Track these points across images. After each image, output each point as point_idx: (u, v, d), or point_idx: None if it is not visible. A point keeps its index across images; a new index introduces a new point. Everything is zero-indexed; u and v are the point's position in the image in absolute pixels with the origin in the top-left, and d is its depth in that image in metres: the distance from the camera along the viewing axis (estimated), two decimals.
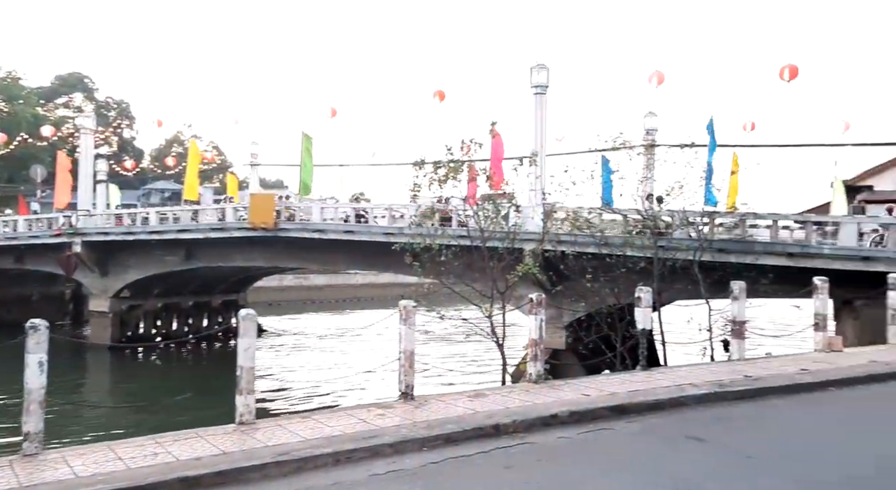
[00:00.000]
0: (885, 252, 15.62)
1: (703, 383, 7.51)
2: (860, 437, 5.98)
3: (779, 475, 4.91)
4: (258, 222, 23.89)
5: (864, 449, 5.57)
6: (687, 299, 15.37)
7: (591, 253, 14.86)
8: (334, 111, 29.19)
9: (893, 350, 9.89)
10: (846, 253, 15.96)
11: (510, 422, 6.08)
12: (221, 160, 59.39)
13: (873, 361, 8.74)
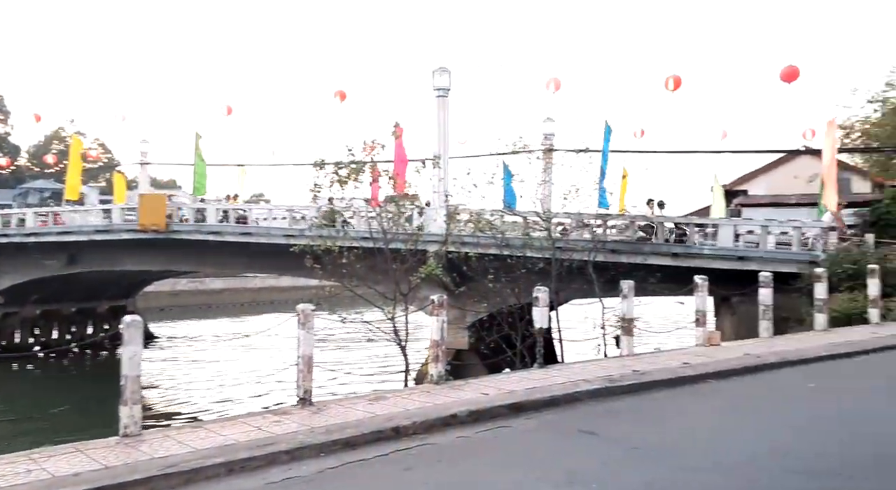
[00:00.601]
0: (758, 252, 16.90)
1: (596, 379, 7.82)
2: (735, 425, 6.41)
3: (661, 464, 5.18)
4: (148, 224, 22.70)
5: (737, 436, 5.97)
6: (583, 298, 15.99)
7: (493, 254, 15.16)
8: (230, 109, 28.25)
9: (765, 343, 10.69)
10: (724, 253, 17.15)
11: (410, 424, 6.08)
12: (108, 158, 56.00)
13: (747, 354, 9.40)
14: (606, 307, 13.62)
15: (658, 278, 15.11)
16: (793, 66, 18.51)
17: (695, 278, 10.95)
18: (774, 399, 7.60)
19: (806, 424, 6.39)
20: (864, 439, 5.78)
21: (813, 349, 9.86)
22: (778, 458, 5.34)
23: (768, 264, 15.48)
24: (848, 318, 12.90)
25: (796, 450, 5.55)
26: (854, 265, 14.26)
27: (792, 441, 5.81)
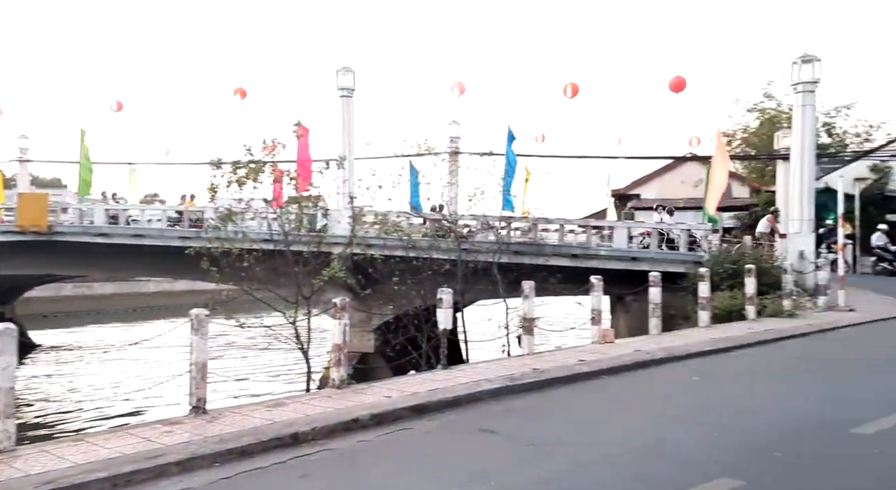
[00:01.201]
0: (649, 253, 17.81)
1: (497, 378, 7.98)
2: (625, 418, 6.71)
3: (557, 459, 5.37)
4: (28, 225, 21.11)
5: (627, 429, 6.26)
6: (488, 299, 16.28)
7: (399, 256, 15.16)
8: (120, 105, 26.72)
9: (654, 340, 11.27)
10: (619, 254, 17.95)
11: (310, 429, 5.97)
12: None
13: (638, 351, 9.88)
14: (510, 307, 13.94)
15: (559, 279, 15.60)
16: (680, 78, 19.67)
17: (591, 278, 11.39)
18: (662, 392, 8.03)
19: (689, 416, 6.79)
20: (738, 428, 6.20)
21: (697, 344, 10.49)
22: (663, 448, 5.65)
23: (658, 264, 16.34)
24: (728, 314, 13.80)
25: (679, 440, 5.89)
26: (734, 265, 15.30)
27: (676, 432, 6.16)
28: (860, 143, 29.61)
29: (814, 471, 5.00)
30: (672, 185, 30.57)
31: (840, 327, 12.44)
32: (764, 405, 7.13)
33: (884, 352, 10.48)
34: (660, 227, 19.47)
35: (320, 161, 12.96)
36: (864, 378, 8.54)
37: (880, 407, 6.68)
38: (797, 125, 16.74)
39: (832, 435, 5.88)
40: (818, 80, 16.25)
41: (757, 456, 5.33)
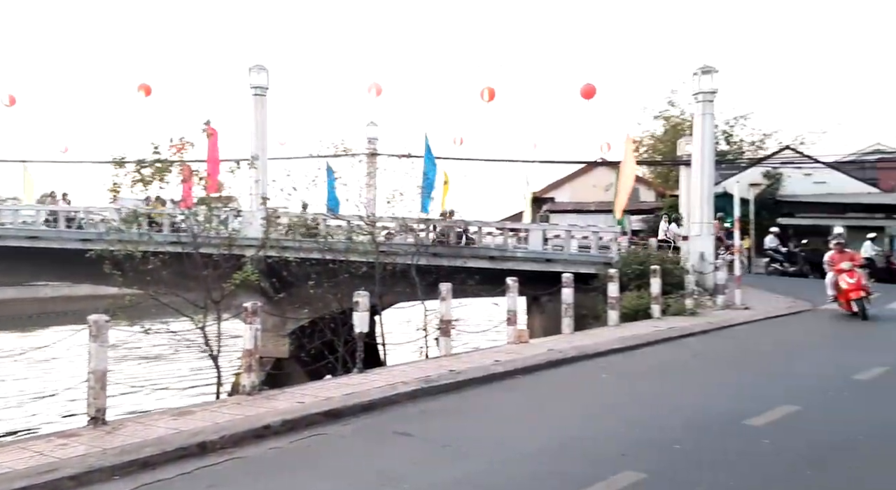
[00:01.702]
0: (563, 255, 18.35)
1: (413, 380, 7.99)
2: (538, 417, 6.87)
3: (471, 459, 5.42)
4: None
5: (540, 427, 6.41)
6: (407, 301, 16.27)
7: (315, 259, 14.90)
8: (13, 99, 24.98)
9: (567, 339, 11.60)
10: (534, 256, 18.40)
11: (218, 438, 5.78)
12: None
13: (551, 350, 10.14)
14: (428, 310, 13.99)
15: (477, 280, 15.79)
16: (590, 85, 20.36)
17: (507, 280, 11.60)
18: (573, 390, 8.28)
19: (598, 412, 7.03)
20: (643, 423, 6.48)
21: (606, 343, 10.88)
22: (574, 444, 5.82)
23: (571, 266, 16.85)
24: (636, 313, 14.40)
25: (589, 436, 6.08)
26: (641, 266, 15.99)
27: (586, 428, 6.37)
28: (755, 150, 31.63)
29: (709, 461, 5.28)
30: (585, 189, 31.62)
31: (736, 324, 13.21)
32: (666, 400, 7.47)
33: (775, 347, 11.20)
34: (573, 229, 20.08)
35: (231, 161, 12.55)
36: (757, 372, 9.10)
37: (770, 399, 7.12)
38: (697, 133, 17.68)
39: (727, 427, 6.23)
40: (716, 91, 17.23)
41: (659, 449, 5.58)
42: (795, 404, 6.89)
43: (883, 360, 9.08)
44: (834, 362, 9.58)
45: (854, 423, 6.31)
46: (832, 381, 8.19)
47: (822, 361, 9.82)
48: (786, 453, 5.45)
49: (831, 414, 6.71)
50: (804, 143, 30.88)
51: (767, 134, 32.48)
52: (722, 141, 30.66)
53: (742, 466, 5.14)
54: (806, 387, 7.98)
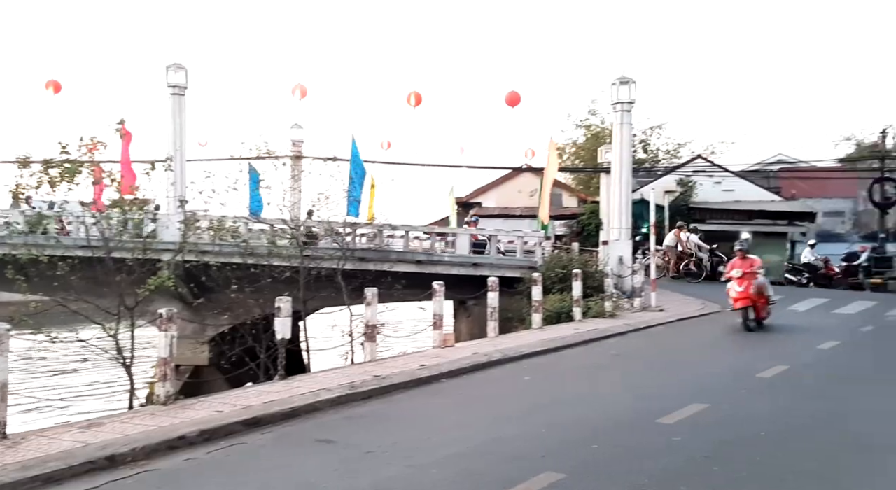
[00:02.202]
0: (489, 259, 18.60)
1: (337, 387, 7.91)
2: (462, 420, 6.94)
3: (393, 464, 5.42)
4: None
5: (463, 430, 6.47)
6: (333, 306, 16.04)
7: (236, 263, 14.51)
8: None
9: (492, 342, 11.77)
10: (461, 260, 18.55)
11: (129, 450, 5.54)
12: None
13: (476, 353, 10.26)
14: (354, 315, 13.86)
15: (404, 285, 15.77)
16: (515, 92, 20.77)
17: (433, 284, 11.65)
18: (497, 393, 8.41)
19: (521, 414, 7.16)
20: (563, 423, 6.66)
21: (529, 345, 11.09)
22: (496, 446, 5.91)
23: (497, 270, 17.10)
24: (558, 316, 14.76)
25: (511, 437, 6.19)
26: (563, 270, 16.41)
27: (508, 430, 6.48)
28: (670, 159, 33.09)
29: (625, 459, 5.48)
30: (510, 195, 32.20)
31: (652, 326, 13.76)
32: (586, 400, 7.71)
33: (686, 347, 11.74)
34: (499, 234, 20.39)
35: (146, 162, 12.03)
36: (670, 372, 9.52)
37: (682, 398, 7.46)
38: (616, 141, 18.32)
39: (642, 425, 6.48)
40: (634, 101, 17.91)
41: (578, 448, 5.74)
42: (704, 402, 7.25)
43: (783, 359, 9.66)
44: (739, 361, 10.13)
45: (756, 419, 6.68)
46: (737, 380, 8.65)
47: (729, 361, 10.37)
48: (694, 449, 5.72)
49: (736, 410, 7.09)
50: (714, 152, 32.61)
51: (681, 143, 34.09)
52: (640, 149, 31.92)
53: (654, 463, 5.36)
54: (714, 385, 8.40)
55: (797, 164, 33.17)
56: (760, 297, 12.65)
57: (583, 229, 26.52)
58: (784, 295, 18.50)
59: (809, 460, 5.50)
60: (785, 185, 31.38)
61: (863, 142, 34.65)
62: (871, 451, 5.74)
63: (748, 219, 27.01)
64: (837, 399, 7.74)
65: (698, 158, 30.20)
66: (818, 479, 5.08)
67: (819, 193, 31.84)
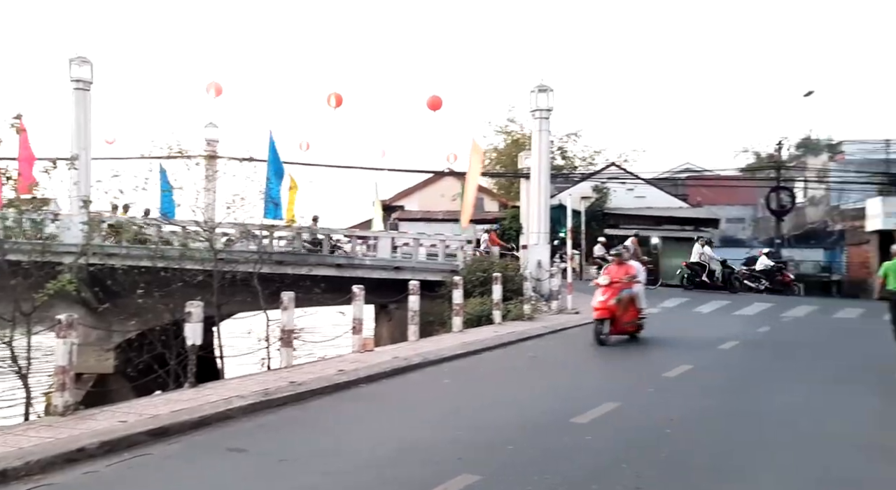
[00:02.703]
0: (411, 262, 18.61)
1: (251, 394, 7.68)
2: (378, 425, 6.88)
3: (307, 472, 5.31)
4: None
5: (379, 435, 6.41)
6: (248, 311, 15.59)
7: (145, 267, 13.88)
8: None
9: (412, 346, 11.76)
10: (383, 263, 18.48)
11: (22, 464, 5.18)
12: None
13: (396, 357, 10.22)
14: (271, 319, 13.52)
15: (323, 288, 15.54)
16: (436, 97, 20.90)
17: (353, 288, 11.53)
18: (416, 397, 8.40)
19: (439, 417, 7.19)
20: (480, 426, 6.72)
21: (450, 349, 11.16)
22: (413, 450, 5.90)
23: (419, 273, 17.13)
24: (479, 319, 14.94)
25: (428, 441, 6.20)
26: (484, 273, 16.62)
27: (426, 433, 6.48)
28: (586, 166, 34.17)
29: (540, 459, 5.58)
30: (433, 198, 32.34)
31: (568, 328, 14.13)
32: (503, 402, 7.82)
33: (598, 349, 12.10)
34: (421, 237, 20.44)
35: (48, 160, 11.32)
36: (584, 373, 9.81)
37: (595, 398, 7.69)
38: (535, 148, 18.76)
39: (556, 425, 6.63)
40: (552, 108, 18.39)
41: (494, 450, 5.81)
42: (616, 401, 7.50)
43: (688, 360, 10.14)
44: (648, 362, 10.56)
45: (663, 417, 6.97)
46: (646, 379, 9.01)
47: (638, 361, 10.79)
48: (606, 448, 5.90)
49: (644, 409, 7.38)
50: (627, 160, 33.92)
51: (597, 151, 35.29)
52: (558, 156, 32.78)
53: (567, 463, 5.49)
54: (624, 385, 8.72)
55: (703, 172, 35.03)
56: (626, 310, 11.66)
57: (504, 233, 26.94)
58: (689, 297, 19.50)
59: (712, 456, 5.78)
60: (692, 192, 33.06)
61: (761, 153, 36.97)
62: (766, 445, 6.10)
63: (658, 224, 28.25)
64: (736, 396, 8.18)
65: (612, 166, 31.34)
66: (717, 473, 5.35)
67: (722, 201, 33.74)
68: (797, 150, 34.79)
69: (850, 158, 27.77)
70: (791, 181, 29.93)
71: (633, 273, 11.98)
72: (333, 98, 19.93)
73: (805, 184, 31.13)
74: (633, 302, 11.81)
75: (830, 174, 28.36)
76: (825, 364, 10.55)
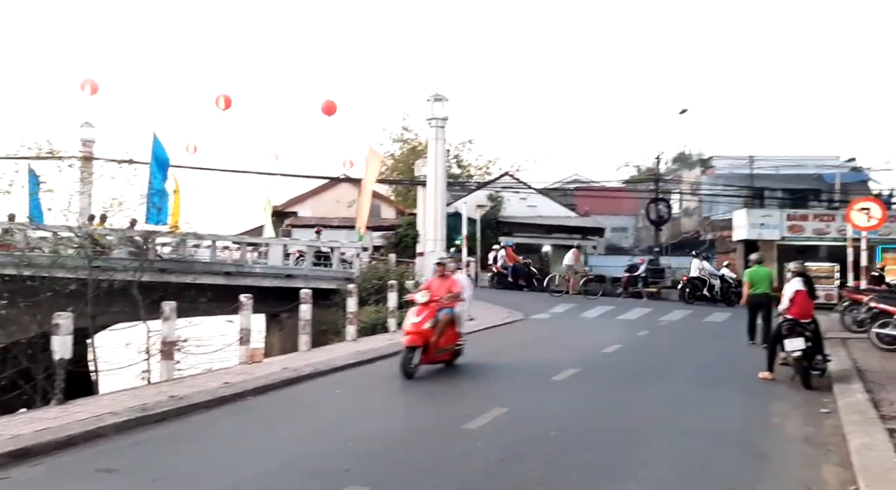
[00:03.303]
0: (303, 270, 18.24)
1: (126, 410, 7.22)
2: (264, 439, 6.63)
3: None
4: None
5: (264, 450, 6.19)
6: (128, 321, 14.69)
7: (9, 275, 12.82)
8: None
9: (303, 356, 11.50)
10: (274, 271, 17.99)
11: None
12: None
13: (285, 368, 9.94)
14: (153, 330, 12.80)
15: (209, 297, 14.92)
16: (331, 101, 20.66)
17: (240, 297, 11.14)
18: (306, 408, 8.20)
19: (328, 428, 7.05)
20: (370, 435, 6.66)
21: (342, 358, 11.00)
22: (299, 463, 5.75)
23: (312, 281, 16.82)
24: (374, 327, 14.84)
25: (316, 453, 6.07)
26: (380, 281, 16.57)
27: (313, 445, 6.34)
28: (482, 175, 34.95)
29: (430, 467, 5.60)
30: (328, 205, 31.89)
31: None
32: (395, 411, 7.81)
33: (492, 353, 12.36)
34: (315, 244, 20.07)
35: None
36: (476, 378, 9.95)
37: (485, 403, 7.83)
38: (431, 156, 18.96)
39: (447, 433, 6.69)
40: (447, 117, 18.68)
41: (384, 460, 5.78)
42: (504, 406, 7.66)
43: (573, 363, 10.55)
44: (537, 365, 10.88)
45: (549, 419, 7.21)
46: (534, 383, 9.26)
47: (528, 365, 11.10)
48: (495, 453, 6.01)
49: (532, 412, 7.59)
50: (520, 170, 35.00)
51: (492, 160, 36.20)
52: (454, 164, 33.30)
53: (458, 469, 5.55)
54: (513, 389, 8.93)
55: (590, 183, 36.74)
56: (442, 335, 9.62)
57: (400, 241, 27.01)
58: (576, 303, 20.34)
59: (593, 454, 6.03)
60: (580, 202, 34.57)
61: (641, 166, 39.28)
62: (645, 443, 6.45)
63: (549, 233, 29.30)
64: (618, 396, 8.60)
65: (506, 175, 32.22)
66: (598, 471, 5.59)
67: (607, 211, 35.52)
68: (673, 164, 37.24)
69: (719, 173, 30.02)
70: (668, 193, 31.94)
71: (457, 291, 9.97)
72: (222, 100, 19.22)
73: (680, 196, 33.34)
74: (452, 324, 9.90)
75: (702, 187, 30.52)
76: (695, 365, 11.30)
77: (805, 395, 8.49)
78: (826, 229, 22.74)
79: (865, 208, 14.84)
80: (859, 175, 29.51)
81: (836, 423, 6.93)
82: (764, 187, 28.28)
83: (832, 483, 5.27)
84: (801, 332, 8.85)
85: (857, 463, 5.43)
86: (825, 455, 6.01)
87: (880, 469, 5.20)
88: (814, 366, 8.96)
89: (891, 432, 6.13)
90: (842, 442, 6.23)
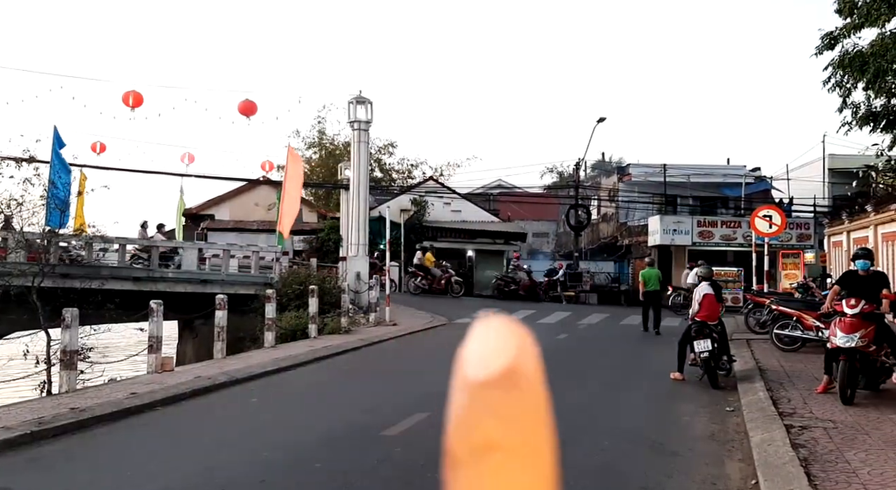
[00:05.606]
0: (220, 275, 17.61)
1: (20, 424, 6.71)
2: (174, 451, 6.34)
3: None
4: None
5: (174, 463, 5.91)
6: (26, 329, 13.77)
7: None
8: None
9: (218, 364, 11.07)
10: (188, 277, 17.27)
11: None
12: None
13: (198, 377, 9.54)
14: (55, 339, 12.02)
15: (117, 304, 14.18)
16: (250, 101, 20.08)
17: (150, 303, 10.61)
18: (218, 418, 7.89)
19: (243, 439, 6.78)
20: (287, 445, 6.46)
21: (259, 365, 10.67)
22: (210, 476, 5.50)
23: (229, 287, 16.26)
24: (294, 333, 14.49)
25: (229, 464, 5.82)
26: (301, 286, 16.20)
27: (227, 457, 6.09)
28: (404, 179, 34.87)
29: (347, 476, 5.48)
30: (246, 207, 30.95)
31: (385, 340, 14.20)
32: (313, 419, 7.61)
33: (414, 359, 12.34)
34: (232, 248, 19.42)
35: None
36: (397, 384, 9.87)
37: (406, 409, 7.76)
38: (354, 159, 18.74)
39: (366, 440, 6.57)
40: (371, 121, 18.51)
41: (299, 470, 5.61)
42: (426, 411, 7.61)
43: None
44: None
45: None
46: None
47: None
48: (413, 459, 5.94)
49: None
50: (444, 174, 35.15)
51: (415, 164, 36.18)
52: (376, 168, 33.08)
53: (374, 477, 5.46)
54: (434, 394, 8.83)
55: (513, 189, 37.32)
56: None
57: (322, 245, 26.53)
58: (499, 308, 20.58)
59: None
60: (503, 207, 35.06)
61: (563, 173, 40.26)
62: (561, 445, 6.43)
63: (473, 238, 29.54)
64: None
65: (430, 180, 32.28)
66: None
67: (530, 216, 36.19)
68: (593, 171, 38.38)
69: (634, 180, 31.15)
70: (587, 200, 32.88)
71: None
72: (132, 97, 18.29)
73: (598, 202, 34.39)
74: None
75: (619, 194, 31.59)
76: (610, 368, 11.63)
77: (712, 395, 8.88)
78: (733, 235, 24.01)
79: (768, 215, 15.75)
80: (763, 184, 31.29)
81: (739, 421, 7.28)
82: (676, 195, 29.54)
83: (735, 478, 5.51)
84: (708, 334, 9.26)
85: (757, 458, 5.71)
86: (729, 452, 6.29)
87: (778, 462, 5.48)
88: (720, 366, 9.40)
89: (788, 428, 6.48)
90: (744, 438, 6.54)
